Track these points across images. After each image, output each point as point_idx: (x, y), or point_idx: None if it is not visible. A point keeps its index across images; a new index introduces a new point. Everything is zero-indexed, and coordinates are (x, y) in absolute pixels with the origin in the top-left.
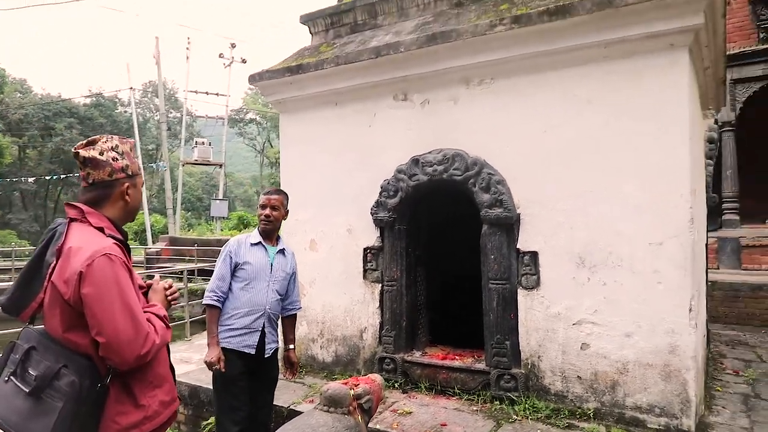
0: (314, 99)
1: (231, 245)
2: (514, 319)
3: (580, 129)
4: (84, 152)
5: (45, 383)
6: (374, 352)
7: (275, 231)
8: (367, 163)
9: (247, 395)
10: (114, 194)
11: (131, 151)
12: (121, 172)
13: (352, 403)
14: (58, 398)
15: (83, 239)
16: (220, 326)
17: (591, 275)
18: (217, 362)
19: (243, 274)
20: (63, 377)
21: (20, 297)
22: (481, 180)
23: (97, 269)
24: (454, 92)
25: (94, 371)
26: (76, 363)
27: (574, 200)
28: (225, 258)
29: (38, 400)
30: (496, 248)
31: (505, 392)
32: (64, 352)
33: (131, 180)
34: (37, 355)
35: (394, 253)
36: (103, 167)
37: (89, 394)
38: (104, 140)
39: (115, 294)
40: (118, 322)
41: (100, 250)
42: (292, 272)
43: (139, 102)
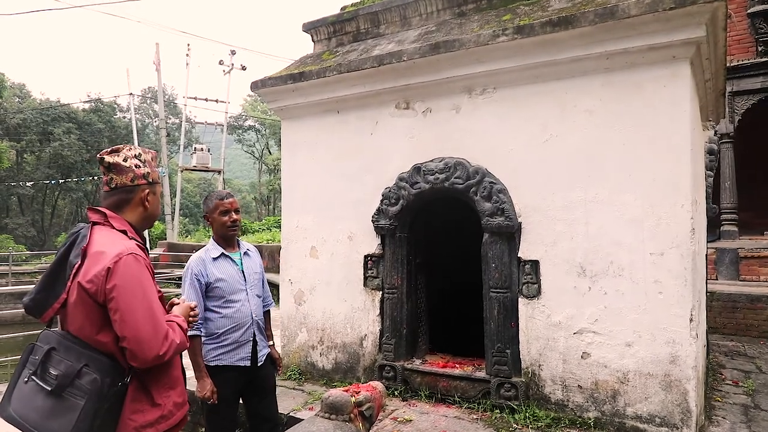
0: (316, 106)
1: (193, 266)
2: (515, 327)
3: (581, 139)
4: (109, 158)
5: (67, 381)
6: (374, 360)
7: (237, 235)
8: (368, 171)
9: (236, 413)
10: (135, 199)
11: (153, 161)
12: (142, 178)
13: (353, 410)
14: (80, 396)
15: (108, 241)
16: (208, 346)
17: (592, 284)
18: (211, 396)
19: (218, 293)
20: (84, 376)
21: (43, 298)
22: (483, 189)
23: (123, 266)
24: (456, 101)
25: (115, 370)
26: (98, 362)
27: (575, 209)
28: (191, 282)
29: (59, 399)
30: (497, 257)
31: (506, 401)
32: (85, 352)
33: (151, 187)
34: (57, 356)
35: (395, 261)
36: (126, 173)
37: (110, 391)
38: (128, 149)
39: (138, 291)
40: (139, 319)
41: (126, 249)
42: (261, 270)
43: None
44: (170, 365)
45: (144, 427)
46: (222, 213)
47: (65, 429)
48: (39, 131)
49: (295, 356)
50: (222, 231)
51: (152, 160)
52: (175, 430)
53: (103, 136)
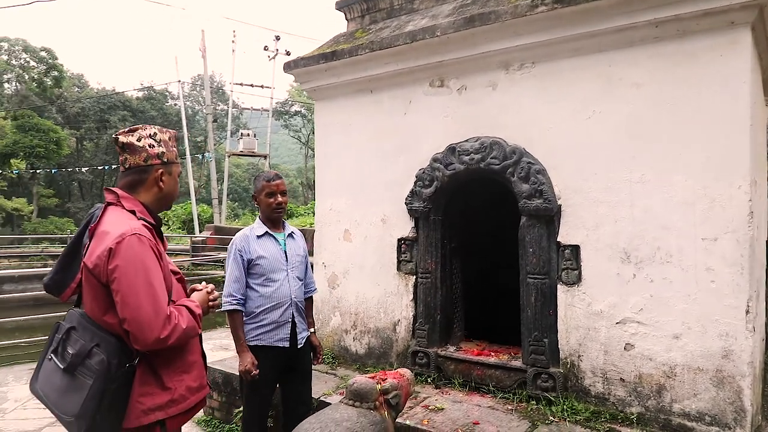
0: (349, 86)
1: (237, 243)
2: (553, 315)
3: (627, 115)
4: (123, 138)
5: (78, 360)
6: (407, 346)
7: (283, 217)
8: (402, 152)
9: (272, 394)
10: (148, 180)
11: (170, 141)
12: (156, 158)
13: (379, 398)
14: (89, 376)
15: (116, 221)
16: (248, 325)
17: (637, 271)
18: (252, 369)
19: (259, 270)
20: (94, 356)
21: (61, 278)
22: (520, 169)
23: (126, 246)
24: (492, 77)
25: (123, 351)
26: (107, 343)
27: (619, 191)
28: (235, 257)
29: (72, 377)
30: (535, 241)
31: (542, 392)
32: (98, 332)
33: (166, 167)
34: (75, 335)
35: (428, 245)
36: (139, 153)
37: (117, 372)
38: (144, 128)
39: (140, 272)
40: (140, 300)
41: (130, 230)
42: (305, 254)
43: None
44: (184, 349)
45: (153, 410)
46: (268, 194)
47: (75, 407)
48: (96, 119)
49: (329, 340)
50: (267, 212)
51: (169, 140)
52: (189, 414)
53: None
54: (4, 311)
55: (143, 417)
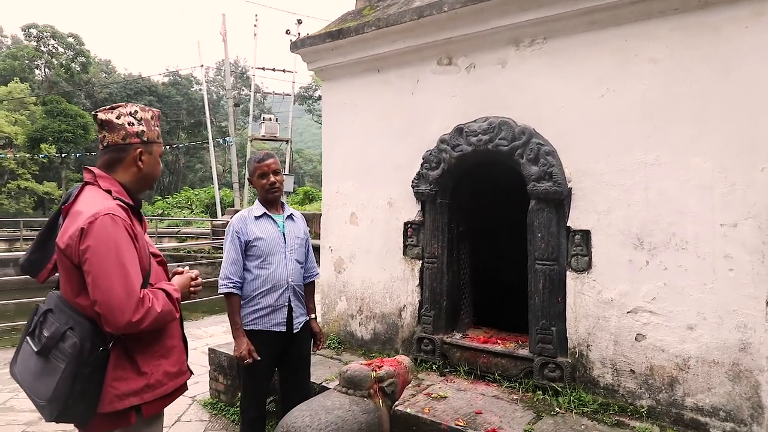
0: (356, 65)
1: (235, 224)
2: (562, 303)
3: (643, 93)
4: (102, 115)
5: (52, 343)
6: (413, 332)
7: (280, 197)
8: (409, 133)
9: (270, 379)
10: (127, 159)
11: (152, 120)
12: (135, 137)
13: (373, 386)
14: (61, 359)
15: (90, 201)
16: (244, 309)
17: (650, 258)
18: (248, 355)
19: (256, 252)
20: (67, 339)
21: (38, 259)
22: (529, 151)
23: (98, 226)
24: (502, 55)
25: (96, 335)
26: (81, 326)
27: (632, 174)
28: (232, 239)
29: (46, 361)
30: (543, 225)
31: (549, 382)
32: (73, 314)
33: (146, 146)
34: (52, 317)
35: (435, 229)
36: (117, 130)
37: (90, 357)
38: (124, 106)
39: (112, 253)
40: (112, 281)
41: (103, 209)
42: (306, 237)
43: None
44: (162, 333)
45: (127, 396)
46: (260, 176)
47: (47, 391)
48: None
49: (335, 325)
50: (263, 193)
51: (152, 119)
52: (167, 400)
53: (181, 108)
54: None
55: (117, 402)
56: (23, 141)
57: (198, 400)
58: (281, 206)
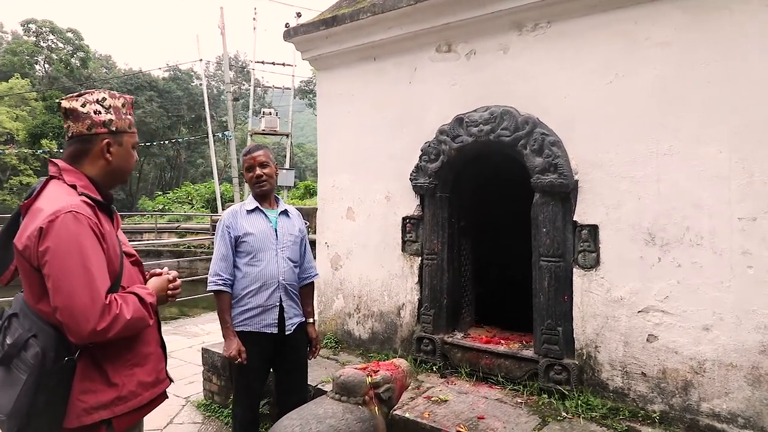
0: (351, 54)
1: (225, 219)
2: (568, 302)
3: (653, 79)
4: (66, 102)
5: (14, 352)
6: (412, 331)
7: (272, 191)
8: (407, 124)
9: (264, 381)
10: (93, 150)
11: (123, 108)
12: (101, 126)
13: (368, 392)
14: (23, 370)
15: (52, 197)
16: (234, 308)
17: (662, 255)
18: (238, 356)
19: (246, 248)
20: (30, 347)
21: (0, 258)
22: (533, 141)
23: (59, 226)
24: (504, 40)
25: (61, 343)
26: (45, 333)
27: (643, 165)
28: (222, 234)
29: (8, 371)
30: (548, 220)
31: (555, 384)
32: (37, 321)
33: (114, 137)
34: (16, 322)
35: (434, 224)
36: (82, 120)
37: (54, 368)
38: (91, 93)
39: (74, 254)
40: (74, 286)
41: (65, 207)
42: (302, 234)
43: (213, 75)
44: (136, 340)
45: (96, 409)
46: (248, 168)
47: (7, 404)
48: None
49: (332, 324)
50: (251, 187)
51: (123, 106)
52: (142, 411)
53: (182, 103)
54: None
55: (85, 416)
56: (24, 137)
57: (192, 401)
58: (275, 201)
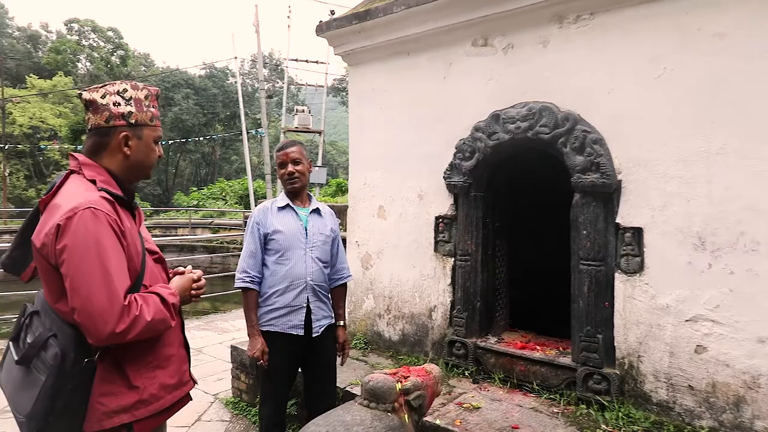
0: (384, 49)
1: (256, 215)
2: (609, 308)
3: (706, 73)
4: (86, 94)
5: (33, 352)
6: (444, 334)
7: (304, 189)
8: (441, 120)
9: (290, 383)
10: (111, 144)
11: (146, 100)
12: (120, 119)
13: (398, 398)
14: (42, 371)
15: (71, 192)
16: (261, 307)
17: (713, 261)
18: (261, 356)
19: (275, 246)
20: (49, 348)
21: (20, 255)
22: (574, 139)
23: (77, 223)
24: (543, 33)
25: (80, 344)
26: (64, 333)
27: (693, 164)
28: (252, 230)
29: (27, 371)
30: (589, 222)
31: (594, 394)
32: (57, 320)
33: (133, 130)
34: (37, 321)
35: (468, 224)
36: (101, 111)
37: (73, 369)
38: (113, 84)
39: (92, 253)
40: (92, 286)
41: (83, 203)
42: (333, 234)
43: (248, 72)
44: (158, 341)
45: (116, 413)
46: (280, 165)
47: (27, 406)
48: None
49: (362, 324)
50: (283, 184)
51: (145, 98)
52: (164, 415)
53: (218, 101)
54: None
55: (105, 420)
56: (66, 133)
57: (220, 399)
58: (308, 198)
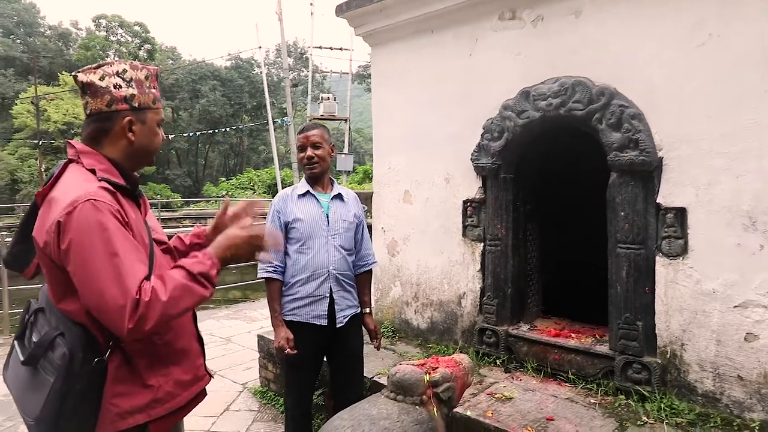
0: (406, 27)
1: (276, 203)
2: (650, 294)
3: (754, 38)
4: (83, 76)
5: (39, 352)
6: (474, 322)
7: (325, 174)
8: (467, 100)
9: (315, 374)
10: (114, 129)
11: (147, 81)
12: (122, 102)
13: (427, 391)
14: (50, 372)
15: (69, 184)
16: (284, 297)
17: (765, 242)
18: (287, 346)
19: (296, 234)
20: (57, 348)
21: (22, 251)
22: (610, 114)
23: (78, 218)
24: (575, 3)
25: (89, 344)
26: (71, 332)
27: (742, 138)
28: (273, 219)
29: (34, 372)
30: (627, 202)
31: (634, 384)
32: (63, 317)
33: (137, 114)
34: (42, 319)
35: (498, 207)
36: (101, 95)
37: (83, 370)
38: (110, 64)
39: (98, 247)
40: (102, 284)
41: (83, 195)
42: (357, 220)
43: (273, 62)
44: (170, 336)
45: (131, 413)
46: (299, 148)
47: (35, 408)
48: (189, 90)
49: (389, 312)
50: (303, 169)
51: (146, 79)
52: (181, 413)
53: (244, 91)
54: None
55: (119, 421)
56: None
57: (249, 388)
58: (330, 183)
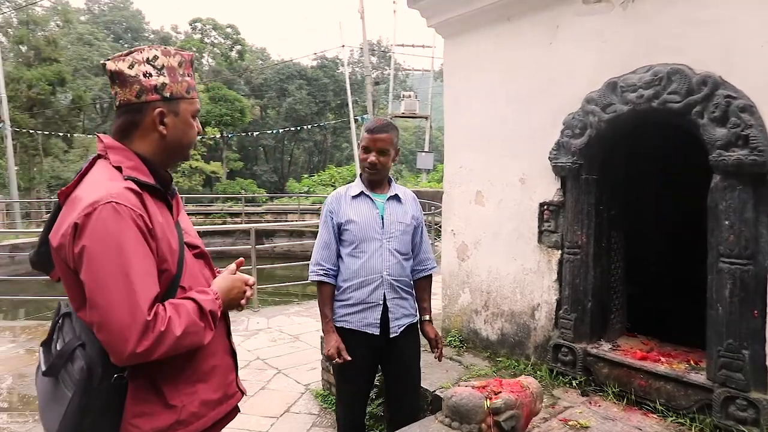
0: (482, 15)
1: (329, 203)
2: (759, 318)
3: None
4: (111, 64)
5: (60, 363)
6: (548, 337)
7: (383, 180)
8: (546, 93)
9: (369, 384)
10: (144, 122)
11: (181, 68)
12: (153, 92)
13: (486, 419)
14: (69, 386)
15: (94, 182)
16: (335, 302)
17: None
18: (337, 354)
19: (348, 237)
20: (76, 360)
21: (47, 252)
22: (713, 107)
23: (95, 221)
24: None
25: (108, 358)
26: (92, 344)
27: None
28: (326, 220)
29: (56, 383)
30: (733, 210)
31: (737, 423)
32: (86, 327)
33: (169, 105)
34: (68, 324)
35: (578, 212)
36: (130, 85)
37: (101, 386)
38: (140, 50)
39: (113, 258)
40: (111, 299)
41: (105, 196)
42: (415, 222)
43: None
44: (199, 352)
45: None
46: (364, 149)
47: (54, 423)
48: (277, 89)
49: (457, 320)
50: (362, 169)
51: (179, 66)
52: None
53: (328, 90)
54: None
55: None
56: None
57: (311, 390)
58: (387, 184)
